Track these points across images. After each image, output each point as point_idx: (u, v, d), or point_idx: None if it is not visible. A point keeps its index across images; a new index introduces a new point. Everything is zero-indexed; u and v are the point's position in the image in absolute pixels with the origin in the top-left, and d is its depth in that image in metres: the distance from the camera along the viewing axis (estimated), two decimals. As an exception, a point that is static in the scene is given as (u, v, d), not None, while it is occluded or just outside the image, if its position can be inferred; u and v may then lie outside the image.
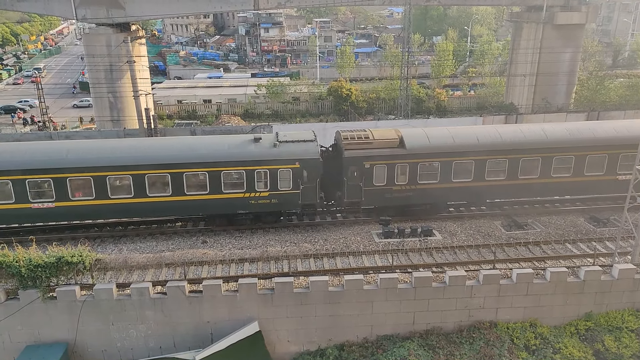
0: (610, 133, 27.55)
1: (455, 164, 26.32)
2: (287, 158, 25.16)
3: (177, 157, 24.94)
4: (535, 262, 23.42)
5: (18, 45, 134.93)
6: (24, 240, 23.31)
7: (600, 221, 26.85)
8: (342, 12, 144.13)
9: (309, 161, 25.31)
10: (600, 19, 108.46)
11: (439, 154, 26.17)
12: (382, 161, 25.94)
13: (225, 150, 25.32)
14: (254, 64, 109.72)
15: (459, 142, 26.52)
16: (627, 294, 22.16)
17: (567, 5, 53.34)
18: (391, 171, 26.09)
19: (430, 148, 26.24)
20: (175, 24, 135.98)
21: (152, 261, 23.11)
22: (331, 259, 23.55)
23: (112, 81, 50.62)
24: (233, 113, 62.27)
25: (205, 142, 26.95)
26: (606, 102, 56.38)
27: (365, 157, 25.89)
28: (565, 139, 27.10)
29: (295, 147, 25.50)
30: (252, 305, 20.90)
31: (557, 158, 26.78)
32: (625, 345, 21.12)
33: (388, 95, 62.87)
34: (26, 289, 20.28)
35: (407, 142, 26.18)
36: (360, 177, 26.00)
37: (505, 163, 26.61)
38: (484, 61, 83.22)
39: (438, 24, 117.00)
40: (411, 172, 26.15)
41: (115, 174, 24.45)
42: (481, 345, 21.01)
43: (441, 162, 26.23)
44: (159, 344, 21.34)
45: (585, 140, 27.07)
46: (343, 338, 21.69)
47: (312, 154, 25.45)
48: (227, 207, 25.60)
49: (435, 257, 23.82)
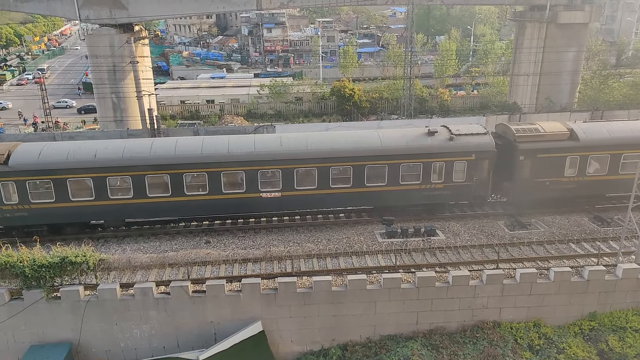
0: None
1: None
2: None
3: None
4: (538, 261, 23.33)
5: (21, 46, 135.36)
6: (27, 241, 23.39)
7: (604, 221, 26.77)
8: (345, 12, 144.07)
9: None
10: (603, 18, 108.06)
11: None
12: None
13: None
14: (256, 64, 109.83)
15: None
16: (631, 293, 22.09)
17: (570, 5, 53.22)
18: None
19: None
20: (178, 25, 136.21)
21: (155, 261, 23.15)
22: (334, 259, 23.54)
23: (115, 82, 50.73)
24: (236, 113, 62.38)
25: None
26: (610, 101, 56.19)
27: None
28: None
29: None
30: (255, 305, 20.91)
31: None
32: (630, 345, 21.05)
33: (391, 95, 62.84)
34: (30, 289, 20.35)
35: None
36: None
37: None
38: (487, 61, 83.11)
39: (441, 24, 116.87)
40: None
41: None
42: (485, 345, 20.97)
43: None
44: (162, 344, 21.38)
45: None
46: (346, 338, 21.68)
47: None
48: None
49: (438, 257, 23.79)
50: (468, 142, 26.15)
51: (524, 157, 26.45)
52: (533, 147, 26.45)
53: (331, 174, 25.48)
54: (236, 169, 24.92)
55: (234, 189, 25.14)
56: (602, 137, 27.09)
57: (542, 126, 27.38)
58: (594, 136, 27.06)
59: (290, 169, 25.13)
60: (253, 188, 25.12)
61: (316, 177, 25.43)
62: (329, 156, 25.36)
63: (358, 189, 25.81)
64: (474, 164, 26.07)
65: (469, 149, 25.97)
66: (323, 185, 25.57)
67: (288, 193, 25.42)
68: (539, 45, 55.00)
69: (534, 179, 26.72)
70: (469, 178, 26.22)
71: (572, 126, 27.57)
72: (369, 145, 25.89)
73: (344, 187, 25.77)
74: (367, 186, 25.83)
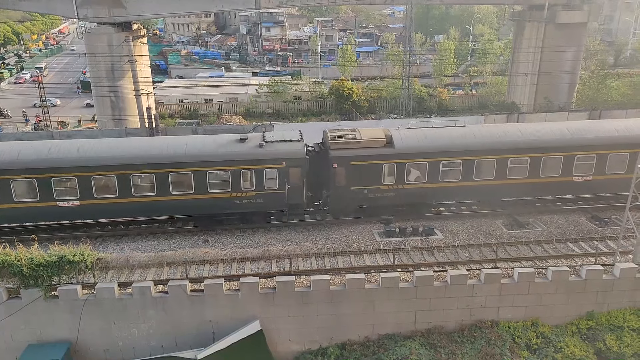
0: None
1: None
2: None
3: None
4: (536, 261, 23.38)
5: (20, 45, 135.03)
6: (25, 239, 23.37)
7: (602, 220, 26.81)
8: (344, 11, 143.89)
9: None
10: (602, 18, 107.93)
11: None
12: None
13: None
14: (255, 63, 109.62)
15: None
16: (628, 293, 22.14)
17: (569, 4, 53.26)
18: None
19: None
20: (176, 23, 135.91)
21: (153, 260, 23.12)
22: (333, 258, 23.55)
23: (113, 80, 50.67)
24: (235, 112, 62.23)
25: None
26: (608, 101, 56.24)
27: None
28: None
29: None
30: (253, 304, 20.92)
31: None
32: (627, 344, 21.09)
33: (389, 95, 62.81)
34: (28, 288, 20.33)
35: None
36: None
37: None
38: (486, 60, 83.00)
39: (440, 23, 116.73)
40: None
41: None
42: (483, 344, 21.01)
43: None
44: (160, 343, 21.37)
45: None
46: (345, 337, 21.70)
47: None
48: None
49: (436, 256, 23.82)
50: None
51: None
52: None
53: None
54: None
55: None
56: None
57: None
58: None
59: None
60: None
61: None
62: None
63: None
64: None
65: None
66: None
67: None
68: (537, 45, 55.02)
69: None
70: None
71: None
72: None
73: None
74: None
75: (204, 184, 24.97)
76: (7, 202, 24.30)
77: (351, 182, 25.73)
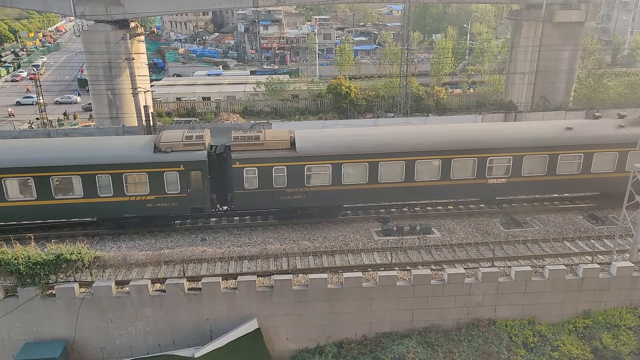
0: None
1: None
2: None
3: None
4: (533, 260, 23.45)
5: (16, 42, 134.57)
6: (22, 238, 23.31)
7: (598, 219, 26.88)
8: (342, 10, 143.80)
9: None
10: (599, 17, 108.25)
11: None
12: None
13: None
14: (253, 61, 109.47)
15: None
16: (625, 291, 22.20)
17: (566, 3, 53.30)
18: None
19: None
20: (174, 21, 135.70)
21: (151, 259, 23.11)
22: (330, 257, 23.58)
23: (110, 78, 50.52)
24: (232, 110, 62.19)
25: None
26: (605, 100, 56.36)
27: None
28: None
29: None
30: (251, 303, 20.92)
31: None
32: (623, 342, 21.16)
33: (387, 93, 62.78)
34: (25, 286, 20.30)
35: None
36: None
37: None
38: (484, 59, 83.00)
39: (437, 22, 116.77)
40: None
41: None
42: (480, 342, 21.06)
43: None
44: (158, 342, 21.37)
45: None
46: (342, 335, 21.72)
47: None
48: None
49: (434, 255, 23.85)
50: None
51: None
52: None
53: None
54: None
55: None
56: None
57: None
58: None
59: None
60: None
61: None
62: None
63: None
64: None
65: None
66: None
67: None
68: (535, 44, 55.05)
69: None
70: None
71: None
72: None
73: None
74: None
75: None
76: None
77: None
